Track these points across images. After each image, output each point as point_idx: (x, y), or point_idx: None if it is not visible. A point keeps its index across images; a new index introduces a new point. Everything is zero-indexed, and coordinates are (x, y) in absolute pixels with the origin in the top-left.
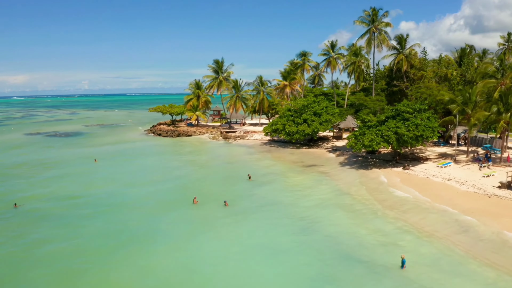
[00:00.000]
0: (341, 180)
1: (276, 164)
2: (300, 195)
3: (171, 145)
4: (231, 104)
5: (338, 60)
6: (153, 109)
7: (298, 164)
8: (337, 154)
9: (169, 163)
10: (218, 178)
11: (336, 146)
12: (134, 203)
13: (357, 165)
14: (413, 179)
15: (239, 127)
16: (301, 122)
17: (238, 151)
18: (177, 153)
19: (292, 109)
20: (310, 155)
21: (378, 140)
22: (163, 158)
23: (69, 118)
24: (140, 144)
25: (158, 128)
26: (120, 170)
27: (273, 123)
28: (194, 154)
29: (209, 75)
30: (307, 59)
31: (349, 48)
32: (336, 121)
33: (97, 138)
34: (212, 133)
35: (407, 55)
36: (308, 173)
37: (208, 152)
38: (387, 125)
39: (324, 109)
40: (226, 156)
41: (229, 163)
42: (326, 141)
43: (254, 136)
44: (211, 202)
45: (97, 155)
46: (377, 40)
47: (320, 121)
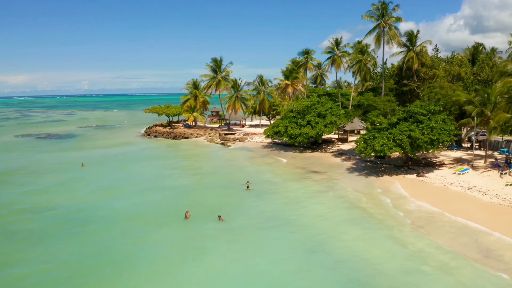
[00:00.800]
0: (349, 189)
1: (277, 170)
2: (304, 208)
3: (165, 149)
4: (230, 104)
5: (343, 58)
6: (149, 110)
7: (302, 170)
8: (344, 159)
9: (161, 170)
10: (214, 187)
11: (342, 150)
12: (118, 218)
13: (367, 171)
14: (429, 188)
15: (238, 128)
16: (305, 124)
17: (236, 155)
18: (171, 158)
19: (295, 110)
20: (314, 160)
21: (390, 145)
22: (156, 164)
23: (64, 119)
24: (133, 148)
25: (154, 130)
26: (108, 177)
27: (275, 125)
28: (189, 159)
29: (207, 74)
30: (310, 57)
31: (354, 46)
32: (342, 123)
33: (89, 140)
34: (210, 135)
35: (418, 53)
36: (312, 180)
37: (205, 156)
38: (399, 128)
39: (328, 110)
40: (224, 161)
41: (226, 169)
42: (331, 144)
43: (254, 138)
44: (204, 216)
45: (86, 160)
46: (387, 36)
47: (324, 123)
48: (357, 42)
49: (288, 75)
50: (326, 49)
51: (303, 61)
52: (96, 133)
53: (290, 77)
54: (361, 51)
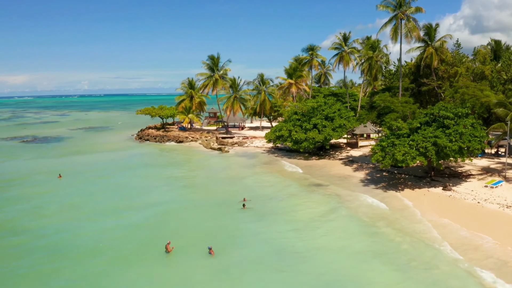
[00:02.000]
0: (366, 207)
1: (279, 181)
2: (314, 234)
3: (156, 155)
4: (228, 105)
5: (352, 55)
6: (141, 111)
7: (308, 182)
8: (355, 168)
9: (147, 182)
10: (205, 205)
11: (352, 156)
12: (86, 249)
13: (383, 183)
14: (461, 207)
15: (237, 131)
16: (311, 128)
17: (234, 163)
18: (161, 166)
19: (299, 112)
20: (321, 169)
21: (413, 154)
22: (142, 174)
23: (57, 120)
24: (121, 154)
25: (146, 133)
26: (85, 191)
27: (277, 128)
28: (181, 168)
29: (204, 73)
30: (315, 54)
31: (363, 42)
32: (352, 126)
33: (76, 145)
34: (207, 138)
35: (437, 49)
36: (321, 195)
37: (199, 164)
38: (422, 133)
39: (337, 113)
40: (219, 170)
41: (221, 181)
42: (339, 150)
43: (255, 142)
44: (191, 247)
45: (65, 169)
46: (405, 28)
47: (332, 126)
48: (366, 38)
49: (291, 74)
50: (333, 45)
51: (307, 58)
52: (85, 136)
53: (294, 75)
54: (371, 47)
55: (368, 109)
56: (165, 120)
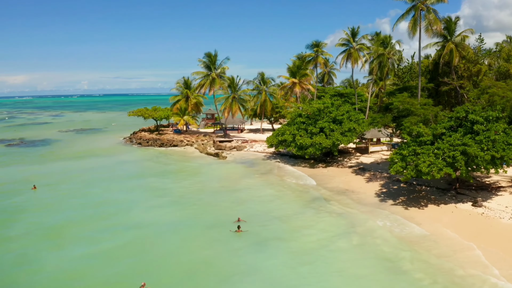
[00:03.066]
0: (386, 231)
1: (281, 195)
2: (325, 270)
3: (146, 162)
4: (226, 106)
5: (360, 52)
6: (133, 113)
7: (314, 196)
8: (368, 178)
9: (130, 196)
10: (193, 227)
11: (363, 164)
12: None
13: (402, 197)
14: (498, 228)
15: (236, 134)
16: (317, 132)
17: (231, 171)
18: (149, 176)
19: (304, 114)
20: (329, 179)
21: (440, 165)
22: (127, 186)
23: (49, 121)
24: (108, 160)
25: (138, 136)
26: (58, 208)
27: (280, 132)
28: (172, 178)
29: (200, 72)
30: (320, 51)
31: (373, 39)
32: (362, 130)
33: (62, 149)
34: (203, 142)
35: (457, 44)
36: (331, 214)
37: (192, 174)
38: (448, 141)
39: (345, 115)
40: (215, 180)
41: (215, 195)
42: (348, 156)
43: (255, 146)
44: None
45: (44, 177)
46: (426, 21)
47: (341, 130)
48: (375, 34)
49: (295, 72)
50: (340, 41)
51: (312, 55)
52: (74, 139)
53: (298, 74)
54: (382, 43)
55: (382, 111)
56: (159, 122)
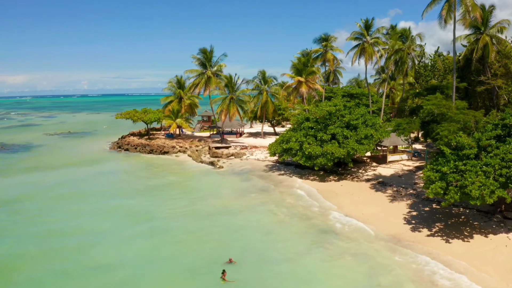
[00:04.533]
0: (427, 281)
1: (284, 224)
2: None
3: (128, 174)
4: (223, 108)
5: (375, 46)
6: (121, 115)
7: (326, 224)
8: (390, 195)
9: (102, 222)
10: (171, 273)
11: (381, 176)
12: None
13: (439, 223)
14: None
15: (234, 139)
16: (328, 139)
17: (227, 185)
18: (130, 193)
19: (312, 117)
20: (344, 197)
21: (492, 187)
22: (101, 207)
23: (39, 123)
24: (87, 171)
25: (126, 141)
26: (6, 236)
27: (284, 138)
28: (156, 196)
29: (194, 70)
30: (330, 46)
31: (388, 32)
32: (381, 137)
33: (40, 156)
34: (198, 148)
35: (493, 37)
36: (350, 257)
37: (181, 189)
38: (496, 153)
39: (360, 119)
40: (206, 200)
41: (204, 221)
42: (363, 166)
43: (255, 153)
44: None
45: (6, 192)
46: (462, 7)
47: (357, 137)
48: (391, 28)
49: (301, 69)
50: (352, 34)
51: (320, 50)
52: (57, 145)
53: (304, 71)
54: (401, 37)
55: (410, 114)
56: (149, 126)
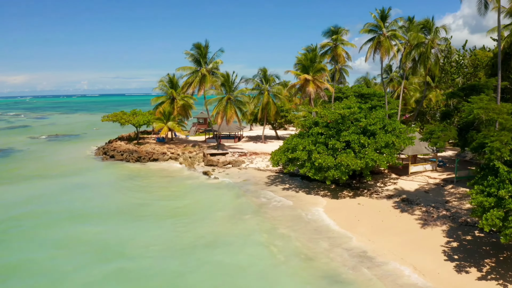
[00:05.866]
0: None
1: (284, 264)
2: None
3: (109, 187)
4: (219, 110)
5: (392, 40)
6: (107, 118)
7: (340, 261)
8: (419, 217)
9: (62, 257)
10: None
11: (404, 191)
12: None
13: (488, 260)
14: None
15: (232, 143)
16: (342, 148)
17: (220, 203)
18: (104, 215)
19: (322, 122)
20: (363, 220)
21: None
22: (62, 234)
23: (28, 125)
24: (60, 184)
25: (112, 147)
26: None
27: (289, 146)
28: (133, 221)
29: (187, 67)
30: (340, 40)
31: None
32: (404, 145)
33: (17, 163)
34: (191, 154)
35: None
36: None
37: (165, 210)
38: None
39: (379, 123)
40: (193, 223)
41: (187, 257)
42: (381, 177)
43: (255, 161)
44: None
45: None
46: None
47: (375, 145)
48: (408, 20)
49: (307, 66)
50: (366, 26)
51: (329, 45)
52: (39, 150)
53: (311, 68)
54: (424, 28)
55: (441, 118)
56: (139, 129)
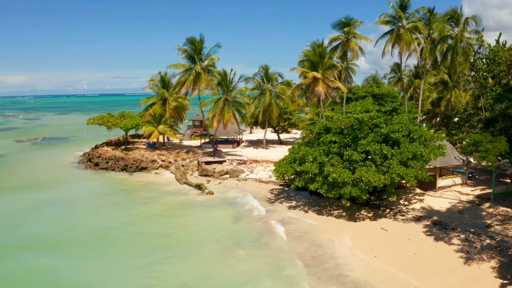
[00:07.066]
0: None
1: None
2: None
3: (84, 206)
4: (216, 113)
5: (413, 34)
6: (93, 121)
7: None
8: (459, 249)
9: None
10: None
11: (433, 211)
12: None
13: None
14: None
15: (230, 149)
16: (361, 159)
17: (211, 229)
18: (65, 244)
19: (335, 127)
20: (389, 251)
21: None
22: (14, 268)
23: (17, 127)
24: (30, 198)
25: (98, 153)
26: None
27: (297, 155)
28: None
29: (180, 64)
30: (353, 33)
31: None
32: (435, 156)
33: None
34: (185, 162)
35: None
36: None
37: (143, 239)
38: None
39: (403, 130)
40: (174, 259)
41: None
42: (403, 193)
43: (256, 170)
44: None
45: None
46: None
47: (400, 157)
48: (428, 11)
49: (317, 63)
50: (383, 17)
51: (341, 38)
52: (20, 155)
53: (321, 65)
54: (450, 19)
55: (486, 125)
56: (127, 133)
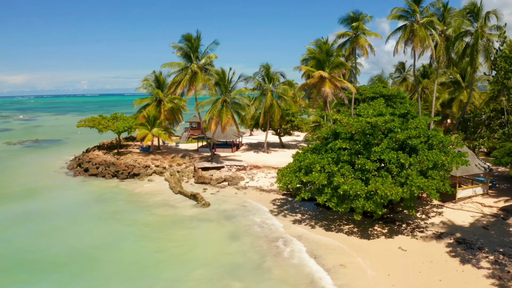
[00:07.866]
0: None
1: None
2: None
3: (71, 219)
4: (214, 115)
5: (428, 29)
6: (83, 123)
7: None
8: (489, 274)
9: None
10: None
11: (454, 225)
12: None
13: None
14: None
15: (229, 153)
16: (374, 169)
17: (204, 251)
18: (47, 265)
19: (345, 132)
20: (408, 276)
21: None
22: None
23: (11, 128)
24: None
25: (88, 158)
26: None
27: (302, 164)
28: (83, 277)
29: (175, 63)
30: (362, 28)
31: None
32: (457, 165)
33: None
34: (180, 167)
35: None
36: None
37: (124, 262)
38: None
39: (422, 136)
40: None
41: None
42: (419, 204)
43: (257, 177)
44: None
45: None
46: None
47: (419, 166)
48: (442, 6)
49: (324, 61)
50: (395, 11)
51: (349, 34)
52: (9, 159)
53: (328, 63)
54: (469, 14)
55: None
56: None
